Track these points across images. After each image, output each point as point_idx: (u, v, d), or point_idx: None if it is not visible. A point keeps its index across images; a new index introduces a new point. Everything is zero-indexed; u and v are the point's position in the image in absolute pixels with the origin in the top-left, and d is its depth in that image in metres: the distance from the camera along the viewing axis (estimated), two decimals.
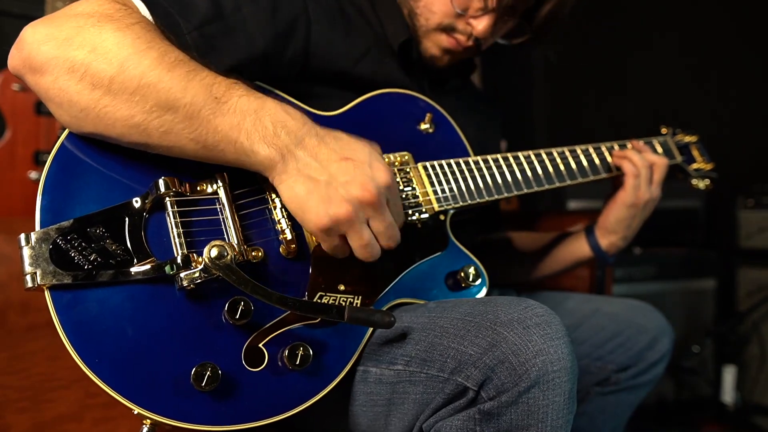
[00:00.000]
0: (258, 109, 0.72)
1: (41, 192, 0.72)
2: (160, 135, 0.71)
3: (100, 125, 0.71)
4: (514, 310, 0.74)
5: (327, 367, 0.79)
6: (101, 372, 0.67)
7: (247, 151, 0.72)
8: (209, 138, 0.71)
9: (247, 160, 0.73)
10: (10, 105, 2.03)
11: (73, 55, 0.68)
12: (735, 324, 2.46)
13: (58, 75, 0.69)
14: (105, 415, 0.99)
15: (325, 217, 0.73)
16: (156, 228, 0.75)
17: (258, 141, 0.71)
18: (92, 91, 0.69)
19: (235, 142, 0.71)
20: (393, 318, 0.77)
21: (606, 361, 1.21)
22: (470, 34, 1.07)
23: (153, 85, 0.69)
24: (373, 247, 0.77)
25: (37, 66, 0.70)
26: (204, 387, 0.69)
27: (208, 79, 0.72)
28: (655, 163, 1.18)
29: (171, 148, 0.73)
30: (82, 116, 0.71)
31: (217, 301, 0.74)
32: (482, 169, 1.03)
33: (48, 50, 0.69)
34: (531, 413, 0.69)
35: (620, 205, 1.17)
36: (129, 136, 0.71)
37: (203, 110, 0.70)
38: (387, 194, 0.76)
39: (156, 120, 0.70)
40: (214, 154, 0.73)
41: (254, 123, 0.71)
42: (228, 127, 0.71)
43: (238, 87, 0.73)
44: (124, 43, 0.69)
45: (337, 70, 1.00)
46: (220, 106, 0.71)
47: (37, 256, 0.68)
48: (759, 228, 2.48)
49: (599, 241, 1.23)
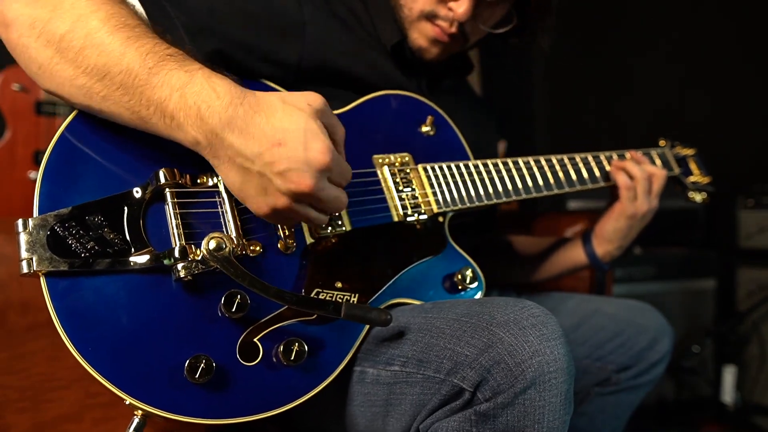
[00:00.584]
0: (184, 85, 0.69)
1: (40, 179, 0.72)
2: (100, 100, 0.71)
3: (53, 84, 0.73)
4: (510, 310, 0.74)
5: (322, 364, 0.79)
6: (94, 360, 0.66)
7: (174, 129, 0.70)
8: (142, 111, 0.70)
9: (177, 137, 0.72)
10: (10, 105, 2.03)
11: (36, 13, 0.71)
12: (735, 324, 2.45)
13: (22, 31, 0.72)
14: (105, 415, 0.99)
15: (264, 207, 0.72)
16: (155, 219, 0.75)
17: (183, 120, 0.69)
18: (46, 47, 0.71)
19: (164, 116, 0.70)
20: (389, 316, 0.77)
21: (606, 362, 1.21)
22: (453, 19, 1.06)
23: (95, 47, 0.69)
24: (319, 219, 0.76)
25: (7, 21, 0.73)
26: (197, 379, 0.68)
27: (147, 47, 0.70)
28: (654, 174, 1.19)
29: (112, 114, 0.73)
30: (40, 73, 0.73)
31: (214, 294, 0.74)
32: (482, 173, 1.04)
33: (18, 7, 0.72)
34: (527, 414, 0.69)
35: (618, 216, 1.19)
36: (75, 96, 0.73)
37: (136, 79, 0.69)
38: (326, 174, 0.71)
39: (96, 84, 0.70)
40: (148, 126, 0.72)
41: (179, 101, 0.69)
42: (157, 100, 0.69)
43: (172, 59, 0.71)
44: (79, 3, 0.71)
45: (334, 69, 1.01)
46: (151, 77, 0.69)
47: (33, 242, 0.68)
48: (759, 228, 2.48)
49: (595, 249, 1.24)
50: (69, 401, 1.05)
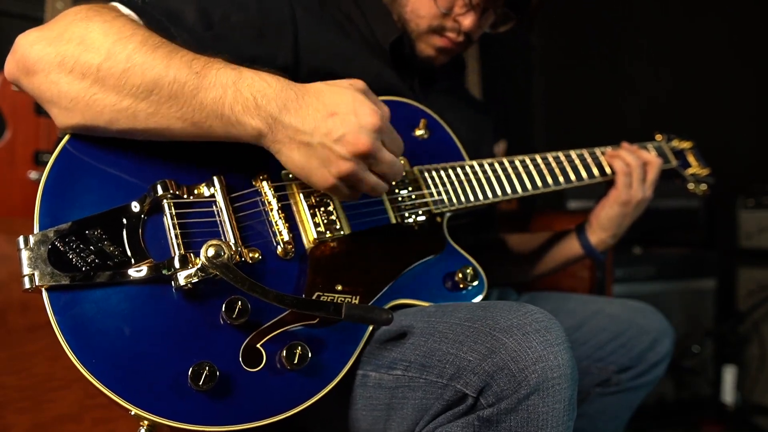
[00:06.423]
0: (236, 80, 0.73)
1: (41, 195, 0.73)
2: (146, 117, 0.73)
3: (89, 114, 0.73)
4: (514, 315, 0.74)
5: (325, 368, 0.79)
6: (98, 372, 0.67)
7: (234, 123, 0.73)
8: (196, 115, 0.73)
9: (236, 133, 0.74)
10: (10, 105, 2.02)
11: (63, 50, 0.71)
12: (735, 324, 2.46)
13: (50, 70, 0.72)
14: (105, 416, 1.00)
15: (330, 178, 0.76)
16: (154, 230, 0.76)
17: (242, 113, 0.72)
18: (82, 80, 0.71)
19: (221, 116, 0.73)
20: (391, 315, 0.76)
21: (607, 362, 1.21)
22: (459, 30, 1.11)
23: (138, 66, 0.71)
24: (381, 186, 0.80)
25: (30, 66, 0.72)
26: (201, 386, 0.68)
27: (188, 57, 0.74)
28: (649, 162, 1.20)
29: (159, 129, 0.74)
30: (71, 106, 0.73)
31: (215, 301, 0.74)
32: (477, 173, 1.05)
33: (40, 49, 0.72)
34: (530, 420, 0.69)
35: (612, 203, 1.19)
36: (117, 122, 0.73)
37: (186, 86, 0.72)
38: (380, 135, 0.77)
39: (143, 102, 0.72)
40: (203, 131, 0.74)
41: (235, 95, 0.72)
42: (212, 101, 0.72)
43: (216, 61, 0.75)
44: (110, 32, 0.72)
45: (327, 72, 1.01)
46: (201, 80, 0.72)
47: (35, 257, 0.68)
48: (759, 228, 2.48)
49: (589, 238, 1.25)
50: (69, 401, 1.05)
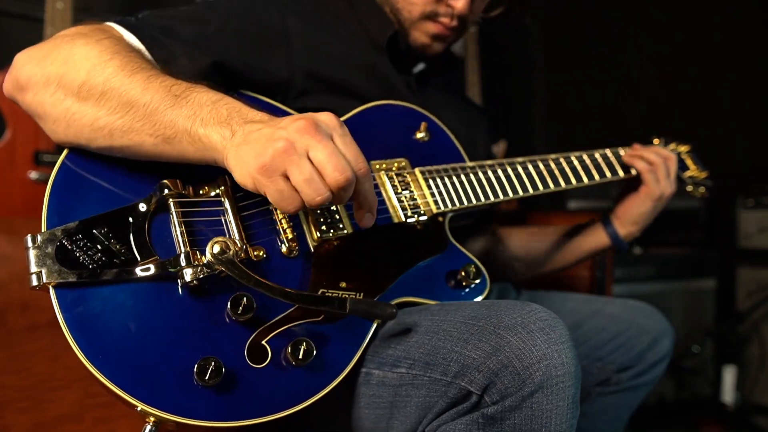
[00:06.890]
0: (217, 100, 0.74)
1: (48, 194, 0.75)
2: (122, 134, 0.74)
3: (71, 132, 0.76)
4: (518, 314, 0.74)
5: (330, 364, 0.79)
6: (105, 369, 0.67)
7: (201, 136, 0.72)
8: (167, 131, 0.73)
9: (202, 146, 0.72)
10: (10, 105, 2.02)
11: (48, 70, 0.76)
12: (735, 324, 2.46)
13: (38, 90, 0.77)
14: (105, 416, 0.99)
15: (262, 156, 0.67)
16: (159, 229, 0.77)
17: (212, 125, 0.72)
18: (64, 99, 0.75)
19: (190, 131, 0.72)
20: (395, 309, 0.76)
21: (607, 362, 1.21)
22: (452, 14, 1.11)
23: (115, 89, 0.74)
24: (316, 182, 0.68)
25: (22, 84, 0.78)
26: (207, 381, 0.69)
27: (168, 82, 0.75)
28: (669, 158, 1.23)
29: (132, 147, 0.75)
30: (55, 127, 0.77)
31: (220, 298, 0.75)
32: (478, 174, 1.06)
33: (29, 68, 0.77)
34: (534, 418, 0.69)
35: (645, 199, 1.21)
36: (95, 140, 0.76)
37: (161, 106, 0.73)
38: (328, 129, 0.71)
39: (119, 120, 0.74)
40: (173, 146, 0.74)
41: (210, 111, 0.73)
42: (184, 117, 0.72)
43: (199, 87, 0.76)
44: (90, 54, 0.76)
45: (324, 77, 1.02)
46: (179, 101, 0.73)
47: (42, 256, 0.70)
48: (759, 228, 2.48)
49: (618, 230, 1.26)
50: (69, 401, 1.05)
